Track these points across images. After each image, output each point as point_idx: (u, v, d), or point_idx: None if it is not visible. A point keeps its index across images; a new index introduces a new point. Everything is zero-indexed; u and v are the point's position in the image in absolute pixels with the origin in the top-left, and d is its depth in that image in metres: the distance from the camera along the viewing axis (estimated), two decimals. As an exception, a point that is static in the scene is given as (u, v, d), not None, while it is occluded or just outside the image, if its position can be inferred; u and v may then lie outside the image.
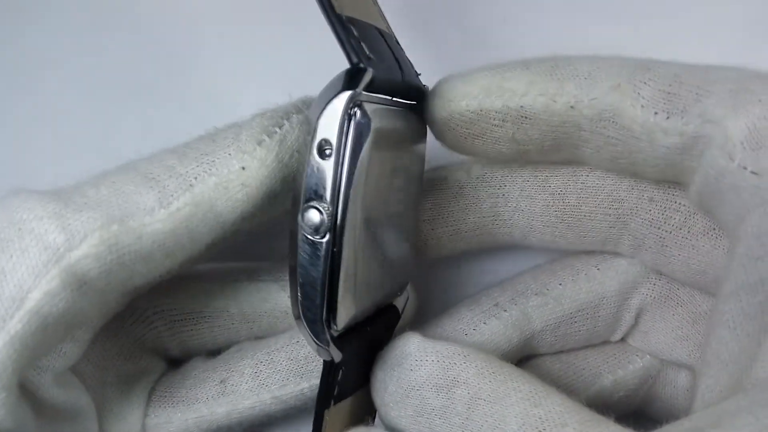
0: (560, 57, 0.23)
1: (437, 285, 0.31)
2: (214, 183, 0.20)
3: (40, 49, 0.32)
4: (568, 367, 0.27)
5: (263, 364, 0.26)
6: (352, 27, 0.19)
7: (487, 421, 0.20)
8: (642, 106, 0.21)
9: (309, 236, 0.19)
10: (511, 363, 0.25)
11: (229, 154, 0.21)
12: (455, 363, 0.21)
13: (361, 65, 0.18)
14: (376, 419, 0.23)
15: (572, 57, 0.23)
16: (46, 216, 0.19)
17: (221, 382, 0.25)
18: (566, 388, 0.26)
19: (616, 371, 0.27)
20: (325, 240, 0.19)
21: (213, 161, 0.20)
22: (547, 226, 0.26)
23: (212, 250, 0.22)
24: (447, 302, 0.28)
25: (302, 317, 0.20)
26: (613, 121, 0.22)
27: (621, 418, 0.21)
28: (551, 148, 0.24)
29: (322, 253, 0.19)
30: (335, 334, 0.20)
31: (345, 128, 0.19)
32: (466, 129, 0.23)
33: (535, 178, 0.26)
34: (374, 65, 0.19)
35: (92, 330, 0.23)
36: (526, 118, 0.22)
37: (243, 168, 0.20)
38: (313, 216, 0.19)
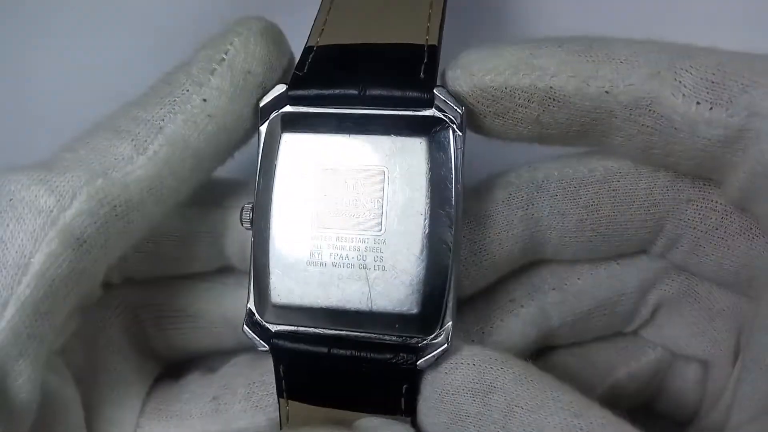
0: (595, 37, 0.21)
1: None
2: (182, 120, 0.21)
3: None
4: (583, 362, 0.26)
5: (256, 384, 0.24)
6: (311, 54, 0.22)
7: (524, 430, 0.19)
8: (683, 95, 0.20)
9: (246, 228, 0.22)
10: (526, 358, 0.24)
11: (187, 90, 0.21)
12: (492, 368, 0.20)
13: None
14: None
15: (608, 38, 0.21)
16: (32, 183, 0.19)
17: (214, 398, 0.24)
18: (582, 382, 0.26)
19: (630, 363, 0.27)
20: (250, 231, 0.22)
21: (174, 101, 0.21)
22: (582, 242, 0.24)
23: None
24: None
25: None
26: (650, 110, 0.20)
27: (631, 413, 0.21)
28: (577, 134, 0.22)
29: (250, 241, 0.22)
30: (262, 323, 0.22)
31: (257, 138, 0.22)
32: (488, 107, 0.21)
33: (564, 192, 0.24)
34: (300, 83, 0.22)
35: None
36: (554, 100, 0.21)
37: (204, 100, 0.21)
38: (245, 210, 0.22)
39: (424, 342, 0.21)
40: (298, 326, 0.22)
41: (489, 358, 0.20)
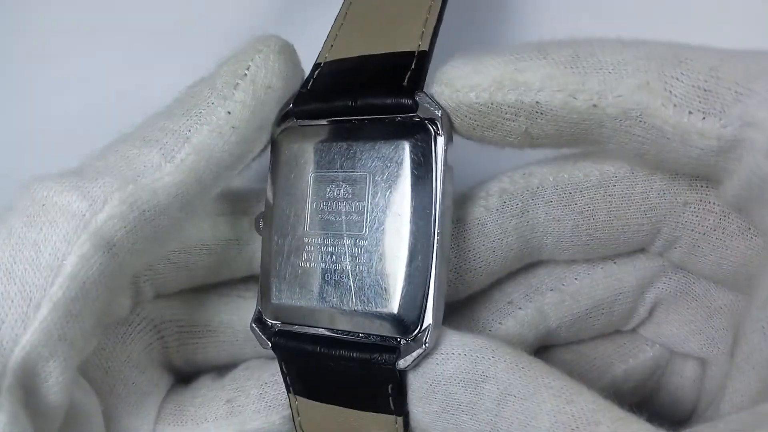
0: (581, 43, 0.20)
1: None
2: (208, 131, 0.21)
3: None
4: (580, 358, 0.26)
5: (268, 385, 0.25)
6: (318, 70, 0.24)
7: (518, 418, 0.19)
8: (674, 105, 0.19)
9: (260, 234, 0.24)
10: None
11: (213, 103, 0.22)
12: (484, 357, 0.20)
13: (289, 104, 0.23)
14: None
15: (594, 44, 0.20)
16: (65, 189, 0.20)
17: (228, 401, 0.25)
18: (579, 379, 0.25)
19: (628, 361, 0.27)
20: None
21: (200, 113, 0.22)
22: (578, 246, 0.24)
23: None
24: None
25: None
26: (640, 120, 0.19)
27: (629, 410, 0.21)
28: (569, 141, 0.21)
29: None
30: (266, 322, 0.23)
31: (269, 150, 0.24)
32: (475, 121, 0.21)
33: (560, 198, 0.23)
34: (303, 98, 0.23)
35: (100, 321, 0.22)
36: (541, 114, 0.20)
37: (229, 112, 0.22)
38: (258, 218, 0.24)
39: (404, 342, 0.21)
40: (295, 325, 0.23)
41: (480, 346, 0.20)
